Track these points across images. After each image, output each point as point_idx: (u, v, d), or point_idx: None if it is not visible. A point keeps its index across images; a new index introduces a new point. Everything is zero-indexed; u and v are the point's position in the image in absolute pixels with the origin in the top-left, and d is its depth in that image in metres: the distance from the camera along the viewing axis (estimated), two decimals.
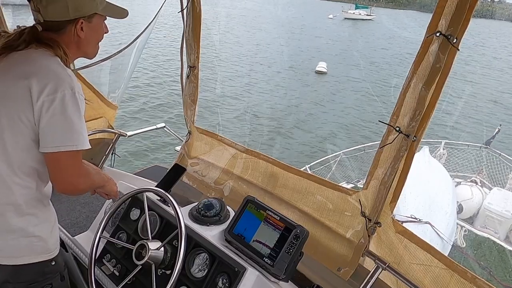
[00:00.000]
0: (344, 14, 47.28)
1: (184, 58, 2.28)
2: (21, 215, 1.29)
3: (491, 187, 8.67)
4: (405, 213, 5.77)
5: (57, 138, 1.22)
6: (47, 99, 1.19)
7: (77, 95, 1.24)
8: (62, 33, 1.33)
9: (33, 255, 1.33)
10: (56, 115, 1.20)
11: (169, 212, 1.61)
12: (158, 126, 3.30)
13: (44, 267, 1.36)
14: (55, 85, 1.20)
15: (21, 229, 1.29)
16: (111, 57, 2.90)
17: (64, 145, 1.22)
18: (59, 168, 1.27)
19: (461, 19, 1.22)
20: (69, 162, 1.26)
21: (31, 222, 1.31)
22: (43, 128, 1.22)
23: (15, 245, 1.29)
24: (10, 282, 1.30)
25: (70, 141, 1.23)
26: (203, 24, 2.12)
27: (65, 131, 1.23)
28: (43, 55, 1.28)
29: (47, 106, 1.20)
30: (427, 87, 1.32)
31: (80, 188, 1.36)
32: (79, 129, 1.25)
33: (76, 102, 1.23)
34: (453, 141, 10.26)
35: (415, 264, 1.53)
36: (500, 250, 7.54)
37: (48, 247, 1.37)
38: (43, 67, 1.25)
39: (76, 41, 1.36)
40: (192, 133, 2.41)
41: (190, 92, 2.31)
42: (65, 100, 1.21)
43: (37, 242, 1.33)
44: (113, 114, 3.08)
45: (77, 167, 1.30)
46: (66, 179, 1.29)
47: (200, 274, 1.46)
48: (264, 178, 2.04)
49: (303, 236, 1.45)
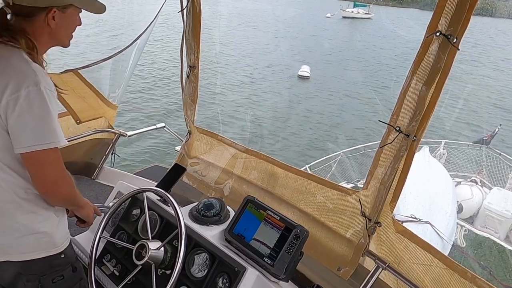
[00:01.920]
0: (342, 13, 46.47)
1: (184, 58, 2.28)
2: (25, 212, 1.29)
3: (491, 186, 8.67)
4: (405, 213, 5.77)
5: (28, 138, 1.17)
6: (11, 98, 1.14)
7: (44, 90, 1.17)
8: (33, 20, 1.25)
9: (40, 251, 1.33)
10: (23, 114, 1.15)
11: (169, 212, 1.61)
12: (158, 126, 3.30)
13: (52, 260, 1.37)
14: (17, 82, 1.15)
15: (26, 226, 1.30)
16: (111, 57, 2.89)
17: (38, 144, 1.18)
18: (37, 168, 1.23)
19: (461, 19, 1.22)
20: (46, 161, 1.22)
21: (35, 219, 1.32)
22: (12, 129, 1.17)
23: (22, 242, 1.30)
24: (22, 273, 1.32)
25: (43, 139, 1.18)
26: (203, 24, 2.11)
27: (36, 129, 1.18)
28: (5, 49, 1.20)
29: (12, 106, 1.14)
30: (427, 87, 1.32)
31: (63, 190, 1.31)
32: (51, 125, 1.19)
33: (43, 98, 1.17)
34: (453, 140, 10.26)
35: (415, 264, 1.53)
36: (500, 250, 7.54)
37: (54, 242, 1.37)
38: (3, 64, 1.18)
39: (48, 31, 1.29)
40: (192, 133, 2.41)
41: (190, 92, 2.31)
42: (30, 97, 1.15)
43: (43, 237, 1.33)
44: (113, 114, 3.08)
45: (57, 166, 1.25)
46: (46, 178, 1.25)
47: (200, 274, 1.46)
48: (264, 178, 2.04)
49: (303, 236, 1.45)
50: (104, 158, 2.97)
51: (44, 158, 1.21)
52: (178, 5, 2.13)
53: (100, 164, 2.95)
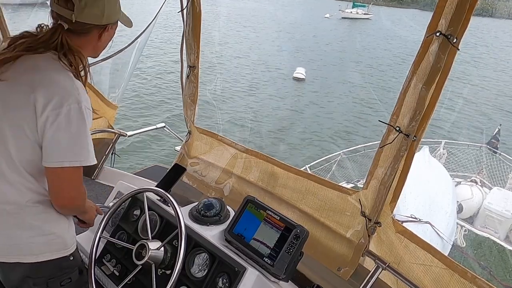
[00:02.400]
0: (341, 13, 45.97)
1: (184, 58, 2.28)
2: (37, 213, 1.30)
3: (491, 186, 8.67)
4: (405, 213, 5.76)
5: (61, 154, 1.21)
6: (51, 113, 1.17)
7: (84, 109, 1.21)
8: (85, 36, 1.31)
9: (52, 252, 1.34)
10: (61, 130, 1.19)
11: (169, 212, 1.61)
12: (158, 126, 3.30)
13: (62, 262, 1.38)
14: (61, 99, 1.18)
15: (38, 227, 1.31)
16: (111, 57, 2.89)
17: (68, 161, 1.21)
18: (59, 182, 1.26)
19: (461, 19, 1.22)
20: (71, 177, 1.26)
21: (47, 220, 1.33)
22: (47, 143, 1.20)
23: (33, 242, 1.31)
24: (30, 277, 1.32)
25: (74, 156, 1.22)
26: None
27: (70, 146, 1.21)
28: (53, 64, 1.24)
29: (52, 121, 1.18)
30: (427, 87, 1.32)
31: (77, 204, 1.36)
32: (85, 144, 1.23)
33: (82, 117, 1.21)
34: (453, 140, 10.26)
35: (415, 264, 1.53)
36: (500, 250, 7.54)
37: (66, 243, 1.38)
38: (50, 79, 1.21)
39: (94, 45, 1.35)
40: (192, 133, 2.41)
41: (190, 92, 2.31)
42: (71, 115, 1.18)
43: (55, 239, 1.35)
44: (113, 114, 3.08)
45: (78, 183, 1.30)
46: (65, 194, 1.29)
47: (200, 274, 1.46)
48: (264, 178, 2.04)
49: (303, 236, 1.45)
50: (104, 158, 2.97)
51: (68, 175, 1.25)
52: (178, 5, 2.13)
53: (100, 164, 2.95)
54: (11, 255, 1.29)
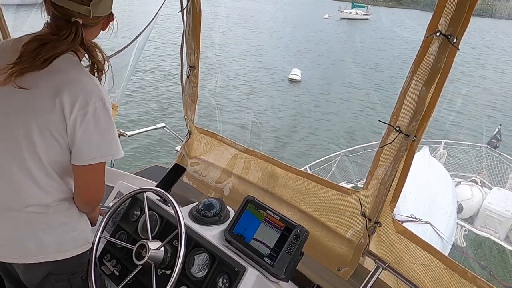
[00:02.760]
0: (340, 14, 45.51)
1: (184, 58, 2.28)
2: (63, 211, 1.33)
3: (491, 186, 8.67)
4: (405, 213, 5.77)
5: (93, 151, 1.23)
6: (79, 113, 1.19)
7: (107, 105, 1.25)
8: (94, 28, 1.30)
9: (76, 248, 1.37)
10: (89, 128, 1.21)
11: (169, 212, 1.61)
12: (158, 126, 3.29)
13: (83, 258, 1.41)
14: (85, 98, 1.20)
15: (65, 224, 1.34)
16: (111, 57, 2.89)
17: (100, 157, 1.25)
18: (90, 177, 1.30)
19: (461, 19, 1.22)
20: (101, 171, 1.30)
21: (73, 216, 1.36)
22: (78, 143, 1.22)
23: (60, 240, 1.33)
24: (53, 274, 1.35)
25: (106, 151, 1.25)
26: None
27: (101, 143, 1.25)
28: (71, 64, 1.24)
29: (80, 120, 1.19)
30: (427, 87, 1.32)
31: (101, 196, 1.39)
32: (114, 138, 1.27)
33: (107, 113, 1.24)
34: (453, 140, 10.26)
35: (415, 264, 1.53)
36: (500, 250, 7.54)
37: (87, 238, 1.43)
38: (72, 80, 1.21)
39: (97, 34, 1.35)
40: (192, 133, 2.41)
41: (190, 92, 2.31)
42: (97, 113, 1.21)
43: (79, 234, 1.38)
44: (112, 114, 3.07)
45: (103, 178, 1.34)
46: (93, 186, 1.33)
47: (200, 274, 1.46)
48: (264, 178, 2.04)
49: (303, 236, 1.45)
50: None
51: (99, 169, 1.30)
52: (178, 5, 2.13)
53: None
54: (40, 254, 1.31)
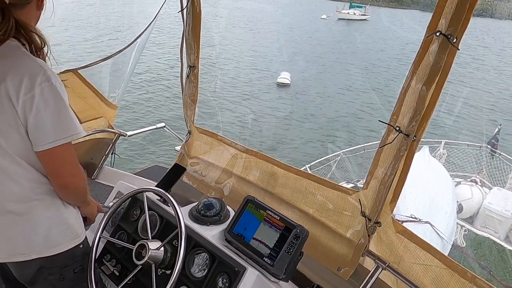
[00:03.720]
0: (338, 14, 44.74)
1: (184, 58, 2.28)
2: (47, 206, 1.31)
3: (491, 186, 8.68)
4: (405, 212, 5.77)
5: (49, 134, 1.19)
6: (26, 98, 1.15)
7: (55, 84, 1.19)
8: (28, 7, 1.25)
9: (66, 243, 1.36)
10: (40, 111, 1.17)
11: (169, 212, 1.61)
12: (158, 126, 3.30)
13: (75, 251, 1.40)
14: (30, 81, 1.15)
15: (50, 219, 1.32)
16: (111, 57, 2.89)
17: (59, 139, 1.20)
18: (57, 162, 1.24)
19: (461, 19, 1.22)
20: (65, 155, 1.24)
21: (58, 211, 1.34)
22: (32, 128, 1.18)
23: (47, 236, 1.32)
24: (45, 267, 1.34)
25: (64, 133, 1.20)
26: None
27: (56, 124, 1.19)
28: (11, 49, 1.20)
29: (29, 105, 1.16)
30: (427, 87, 1.32)
31: (78, 183, 1.34)
32: (68, 118, 1.21)
33: (56, 92, 1.18)
34: (453, 140, 10.26)
35: (415, 264, 1.53)
36: (500, 250, 7.54)
37: (77, 232, 1.40)
38: (14, 65, 1.18)
39: (36, 15, 1.30)
40: (192, 133, 2.41)
41: (190, 92, 2.31)
42: (45, 94, 1.16)
43: (68, 229, 1.36)
44: (113, 114, 3.08)
45: (74, 159, 1.28)
46: (65, 172, 1.27)
47: (200, 274, 1.46)
48: (264, 178, 2.04)
49: (303, 236, 1.45)
50: (104, 158, 2.97)
51: (63, 153, 1.23)
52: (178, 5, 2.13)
53: (100, 164, 2.94)
54: (30, 252, 1.30)
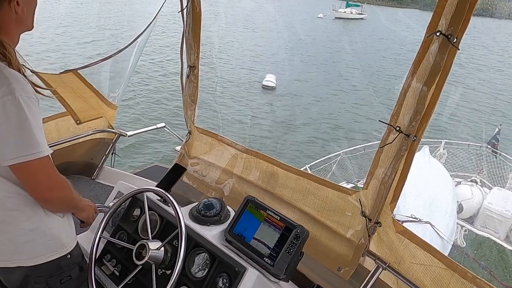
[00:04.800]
0: (335, 13, 44.05)
1: (184, 58, 2.28)
2: (28, 217, 1.29)
3: (491, 186, 8.68)
4: (405, 213, 5.77)
5: (11, 150, 1.13)
6: None
7: (20, 98, 1.11)
8: None
9: (50, 253, 1.33)
10: (2, 125, 1.11)
11: (169, 212, 1.61)
12: (158, 126, 3.30)
13: (60, 262, 1.37)
14: None
15: (32, 230, 1.29)
16: (111, 57, 2.89)
17: (21, 156, 1.13)
18: (28, 177, 1.20)
19: (461, 19, 1.22)
20: (36, 170, 1.19)
21: (40, 222, 1.31)
22: None
23: (31, 246, 1.30)
24: (30, 276, 1.32)
25: (25, 151, 1.14)
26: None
27: (17, 141, 1.13)
28: None
29: None
30: (427, 87, 1.32)
31: (59, 194, 1.29)
32: (30, 135, 1.14)
33: (20, 106, 1.11)
34: (453, 140, 10.26)
35: (415, 264, 1.53)
36: (500, 250, 7.54)
37: (62, 243, 1.37)
38: None
39: (15, 18, 1.21)
40: (192, 133, 2.41)
41: (190, 92, 2.31)
42: (7, 108, 1.10)
43: (50, 240, 1.33)
44: (113, 114, 3.08)
45: (47, 173, 1.22)
46: (39, 186, 1.23)
47: (200, 274, 1.46)
48: (264, 178, 2.04)
49: (303, 236, 1.45)
50: (104, 158, 2.97)
51: (32, 168, 1.18)
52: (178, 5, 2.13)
53: (100, 164, 2.95)
54: (12, 260, 1.29)
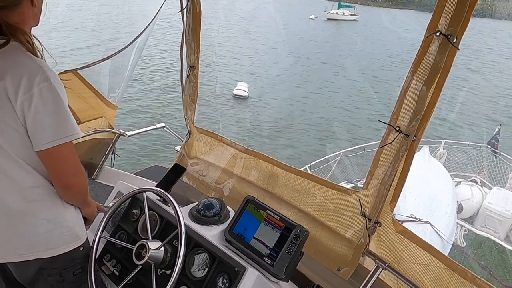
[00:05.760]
0: (327, 15, 42.84)
1: (184, 58, 2.28)
2: (47, 208, 1.31)
3: (491, 186, 8.68)
4: (405, 212, 5.78)
5: (48, 134, 1.19)
6: (25, 97, 1.15)
7: (54, 84, 1.19)
8: (19, 8, 1.23)
9: (66, 245, 1.36)
10: (39, 112, 1.17)
11: (169, 212, 1.61)
12: (158, 126, 3.30)
13: (74, 253, 1.40)
14: (28, 80, 1.15)
15: (50, 221, 1.32)
16: (111, 57, 2.89)
17: (58, 139, 1.20)
18: (57, 163, 1.25)
19: (461, 19, 1.22)
20: (65, 155, 1.24)
21: (58, 213, 1.34)
22: (31, 128, 1.19)
23: (48, 237, 1.32)
24: (44, 269, 1.34)
25: (62, 133, 1.21)
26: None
27: (54, 125, 1.19)
28: (10, 48, 1.20)
29: (28, 105, 1.16)
30: (427, 87, 1.32)
31: (81, 182, 1.34)
32: (67, 118, 1.22)
33: (55, 92, 1.19)
34: (453, 140, 10.26)
35: (415, 263, 1.53)
36: (500, 250, 7.55)
37: (77, 234, 1.40)
38: (12, 64, 1.18)
39: (32, 13, 1.28)
40: (192, 133, 2.41)
41: (190, 92, 2.31)
42: (43, 94, 1.16)
43: (67, 231, 1.36)
44: (113, 114, 3.08)
45: (75, 159, 1.28)
46: (66, 172, 1.27)
47: (200, 274, 1.46)
48: (264, 178, 2.04)
49: (303, 236, 1.45)
50: (104, 158, 2.97)
51: (63, 152, 1.23)
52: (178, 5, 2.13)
53: (100, 164, 2.95)
54: (30, 252, 1.30)
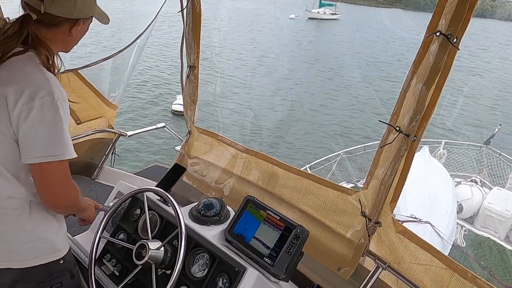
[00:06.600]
0: (308, 14, 41.42)
1: (184, 58, 2.28)
2: (25, 219, 1.28)
3: (491, 186, 8.69)
4: (405, 212, 5.78)
5: (39, 149, 1.16)
6: (24, 108, 1.13)
7: (58, 101, 1.16)
8: (55, 29, 1.26)
9: (42, 257, 1.32)
10: (35, 125, 1.14)
11: (169, 212, 1.61)
12: (158, 126, 3.30)
13: (52, 267, 1.35)
14: (32, 92, 1.13)
15: (27, 232, 1.28)
16: (111, 57, 2.90)
17: (47, 156, 1.16)
18: (44, 179, 1.21)
19: (461, 19, 1.22)
20: (54, 174, 1.21)
21: (37, 223, 1.30)
22: (23, 139, 1.16)
23: (23, 248, 1.28)
24: (19, 282, 1.30)
25: (52, 151, 1.17)
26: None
27: (47, 141, 1.17)
28: (24, 58, 1.20)
29: (25, 115, 1.13)
30: (427, 87, 1.32)
31: (68, 203, 1.32)
32: (61, 137, 1.18)
33: (57, 109, 1.16)
34: (453, 140, 10.27)
35: (415, 264, 1.53)
36: (500, 250, 7.55)
37: (55, 247, 1.35)
38: (19, 73, 1.17)
39: (64, 39, 1.30)
40: (192, 133, 2.41)
41: (190, 92, 2.32)
42: (44, 108, 1.14)
43: (44, 243, 1.32)
44: (113, 114, 3.08)
45: (63, 179, 1.24)
46: (52, 190, 1.24)
47: (200, 274, 1.46)
48: (264, 178, 2.04)
49: (303, 236, 1.45)
50: (104, 158, 2.98)
51: (52, 170, 1.20)
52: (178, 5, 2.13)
53: (100, 164, 2.95)
54: (2, 261, 1.27)
